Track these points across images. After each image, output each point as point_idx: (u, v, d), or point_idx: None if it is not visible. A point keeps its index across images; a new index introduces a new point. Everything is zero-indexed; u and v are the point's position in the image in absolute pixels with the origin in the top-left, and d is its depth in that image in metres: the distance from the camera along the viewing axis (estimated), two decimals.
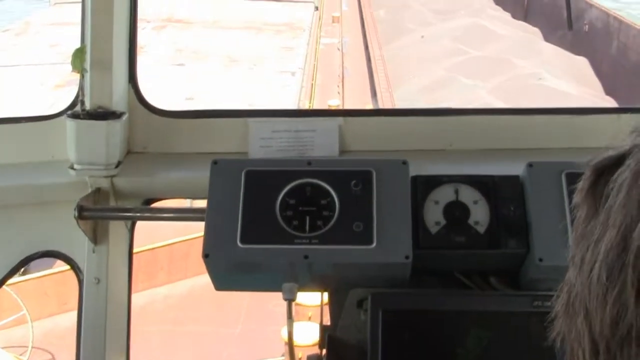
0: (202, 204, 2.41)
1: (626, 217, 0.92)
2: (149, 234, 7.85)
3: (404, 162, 2.26)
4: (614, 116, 2.63)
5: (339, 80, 14.49)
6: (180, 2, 16.80)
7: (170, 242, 9.08)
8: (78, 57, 2.46)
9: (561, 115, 2.75)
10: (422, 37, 22.25)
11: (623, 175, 0.98)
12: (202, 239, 2.13)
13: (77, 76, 2.57)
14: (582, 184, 1.05)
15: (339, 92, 13.57)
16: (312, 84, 12.70)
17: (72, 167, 2.51)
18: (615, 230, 0.93)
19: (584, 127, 2.54)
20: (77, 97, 2.53)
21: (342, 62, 15.87)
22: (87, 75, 2.48)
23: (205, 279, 2.28)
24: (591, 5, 22.82)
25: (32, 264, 2.70)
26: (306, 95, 11.79)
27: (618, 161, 1.01)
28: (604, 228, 0.96)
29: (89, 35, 2.49)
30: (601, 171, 1.03)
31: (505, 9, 28.33)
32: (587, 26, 21.98)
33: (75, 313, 2.63)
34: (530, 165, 2.25)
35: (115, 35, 2.52)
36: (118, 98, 2.55)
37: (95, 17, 2.49)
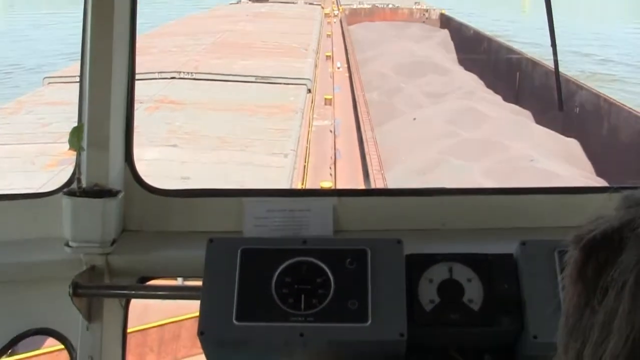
0: (195, 283, 2.41)
1: (634, 327, 0.90)
2: (140, 316, 7.79)
3: (399, 241, 2.27)
4: (605, 195, 2.65)
5: (332, 162, 14.55)
6: (174, 85, 16.96)
7: (161, 323, 9.00)
8: (75, 135, 2.48)
9: (553, 194, 2.78)
10: (414, 119, 22.45)
11: (624, 274, 0.94)
12: (193, 320, 2.13)
13: (68, 156, 2.59)
14: (570, 268, 1.03)
15: (331, 174, 13.60)
16: (304, 166, 12.73)
17: (67, 245, 2.51)
18: (622, 339, 0.91)
19: (575, 205, 2.55)
20: (73, 174, 2.54)
21: (335, 144, 15.95)
22: (84, 154, 2.50)
23: None
24: (581, 88, 23.13)
25: (20, 343, 2.66)
26: (299, 176, 11.81)
27: (607, 241, 0.99)
28: (606, 331, 0.94)
29: (87, 114, 2.52)
30: (589, 252, 1.01)
31: (496, 91, 28.68)
32: (577, 108, 22.25)
33: None
34: (523, 243, 2.26)
35: (113, 114, 2.55)
36: (114, 176, 2.57)
37: (93, 96, 2.51)
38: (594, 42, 48.83)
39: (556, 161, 18.66)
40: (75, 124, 2.56)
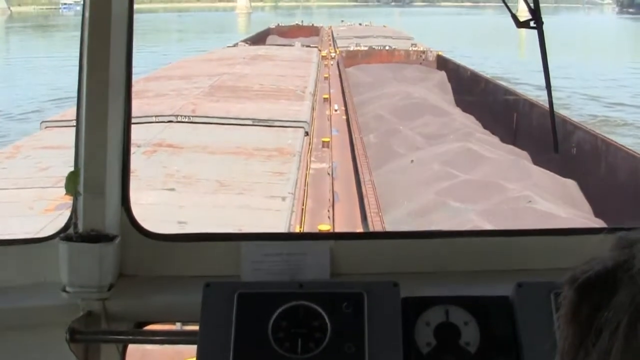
0: (193, 327, 2.41)
1: None
2: None
3: (395, 284, 2.27)
4: (600, 236, 2.66)
5: (329, 204, 14.54)
6: (171, 128, 17.00)
7: None
8: (71, 180, 2.50)
9: (548, 236, 2.79)
10: (412, 161, 22.51)
11: (618, 314, 0.95)
12: None
13: (66, 200, 2.60)
14: (565, 308, 1.03)
15: (329, 217, 13.59)
16: (302, 209, 12.72)
17: (64, 290, 2.51)
18: None
19: (572, 247, 2.56)
20: (70, 219, 2.56)
21: (332, 187, 15.95)
22: (81, 198, 2.52)
23: None
24: (578, 128, 23.22)
25: None
26: (296, 219, 11.79)
27: (601, 282, 1.00)
28: None
29: (83, 158, 2.54)
30: (584, 293, 1.01)
31: (493, 133, 28.77)
32: (575, 148, 22.31)
33: None
34: (519, 285, 2.26)
35: (109, 159, 2.57)
36: (111, 221, 2.58)
37: (88, 141, 2.53)
38: (602, 82, 48.94)
39: (554, 202, 18.68)
40: (69, 172, 2.57)
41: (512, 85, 37.76)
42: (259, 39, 63.92)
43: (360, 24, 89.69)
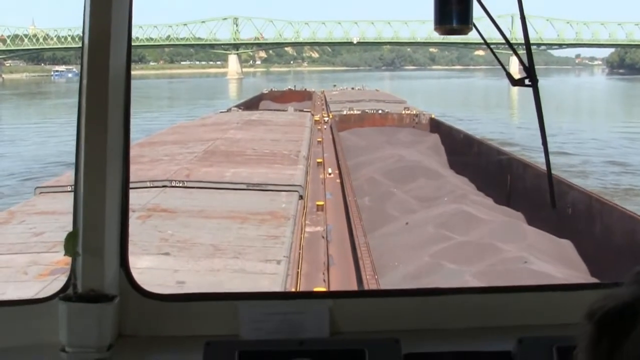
0: None
1: None
2: None
3: (397, 341, 2.26)
4: (599, 291, 2.66)
5: (324, 267, 14.50)
6: (166, 193, 17.03)
7: None
8: (70, 241, 2.49)
9: (547, 292, 2.78)
10: (407, 224, 22.52)
11: (638, 347, 0.95)
12: None
13: (61, 265, 2.59)
14: (584, 342, 1.03)
15: (324, 280, 13.55)
16: (297, 272, 12.68)
17: (63, 350, 2.49)
18: None
19: (570, 303, 2.56)
20: (69, 280, 2.55)
21: (327, 250, 15.91)
22: (79, 259, 2.51)
23: None
24: (572, 188, 23.28)
25: None
26: (292, 283, 11.74)
27: (620, 316, 0.99)
28: None
29: (81, 220, 2.54)
30: (603, 326, 1.01)
31: (487, 194, 28.85)
32: (570, 209, 22.35)
33: None
34: (520, 341, 2.25)
35: (107, 220, 2.57)
36: (110, 281, 2.57)
37: (87, 203, 2.54)
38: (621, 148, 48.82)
39: (550, 263, 18.64)
40: (67, 232, 2.57)
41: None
42: (252, 104, 64.46)
43: (352, 88, 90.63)
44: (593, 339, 0.95)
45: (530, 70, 2.71)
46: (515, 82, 2.78)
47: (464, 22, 2.60)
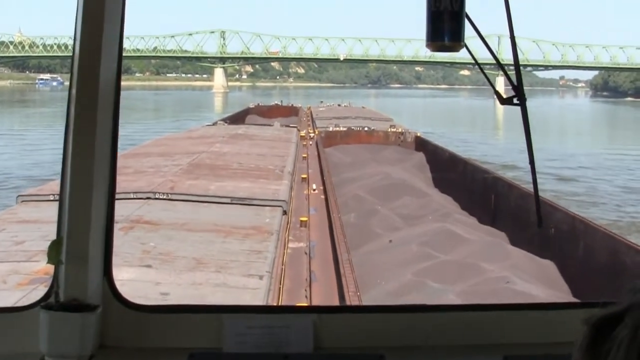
0: None
1: None
2: None
3: (381, 357, 2.24)
4: (583, 310, 2.67)
5: (307, 283, 14.47)
6: (150, 205, 16.97)
7: None
8: (54, 249, 2.47)
9: (534, 310, 2.78)
10: (390, 241, 22.51)
11: (622, 332, 1.01)
12: None
13: (40, 275, 2.57)
14: (581, 342, 1.08)
15: (306, 296, 13.52)
16: (279, 288, 12.66)
17: (43, 359, 2.46)
18: None
19: (554, 321, 2.56)
20: (51, 288, 2.51)
21: (310, 266, 15.89)
22: (62, 267, 2.49)
23: None
24: (557, 209, 23.36)
25: None
26: (274, 298, 11.72)
27: (616, 319, 1.04)
28: None
29: (66, 227, 2.51)
30: (599, 328, 1.06)
31: (471, 213, 28.89)
32: (553, 229, 22.42)
33: None
34: (505, 358, 2.24)
35: (92, 228, 2.54)
36: (93, 291, 2.54)
37: (72, 210, 2.51)
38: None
39: (532, 283, 18.67)
40: (50, 241, 2.55)
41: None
42: (238, 118, 64.50)
43: (339, 105, 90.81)
44: (589, 338, 1.00)
45: (518, 90, 2.71)
46: (503, 101, 2.78)
47: (456, 40, 2.60)
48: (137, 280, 10.98)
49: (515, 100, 2.74)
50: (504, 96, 2.79)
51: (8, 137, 62.09)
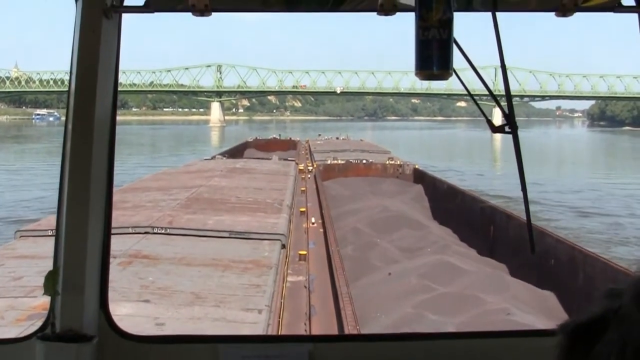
0: None
1: None
2: None
3: None
4: None
5: (306, 317, 14.44)
6: (148, 239, 16.97)
7: None
8: (50, 279, 2.48)
9: (531, 337, 2.78)
10: (390, 274, 22.47)
11: (606, 348, 0.99)
12: None
13: (38, 311, 2.57)
14: (558, 353, 1.07)
15: (305, 330, 13.48)
16: (279, 322, 12.63)
17: None
18: None
19: (552, 347, 2.56)
20: (47, 319, 2.52)
21: (309, 300, 15.86)
22: (59, 298, 2.49)
23: None
24: (556, 239, 23.35)
25: None
26: (273, 333, 11.69)
27: (591, 326, 1.03)
28: None
29: (62, 258, 2.52)
30: (575, 336, 1.05)
31: (470, 245, 28.86)
32: (553, 260, 22.41)
33: None
34: None
35: (89, 259, 2.55)
36: (89, 321, 2.55)
37: (68, 241, 2.53)
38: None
39: (533, 314, 18.62)
40: (48, 271, 2.56)
41: None
42: (236, 152, 64.64)
43: (337, 138, 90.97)
44: (566, 349, 0.98)
45: (510, 118, 2.73)
46: (495, 129, 2.80)
47: (444, 68, 2.63)
48: (135, 315, 10.95)
49: (506, 129, 2.76)
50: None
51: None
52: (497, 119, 3.26)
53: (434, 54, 2.60)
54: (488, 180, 59.44)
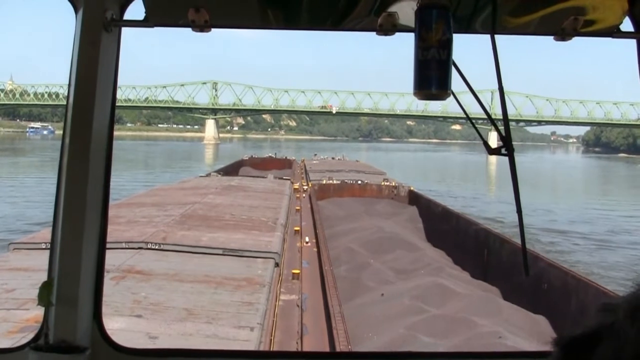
0: None
1: None
2: None
3: None
4: None
5: (298, 336, 14.41)
6: (141, 255, 16.94)
7: None
8: (45, 290, 2.48)
9: (522, 359, 2.79)
10: (382, 295, 22.45)
11: None
12: None
13: (30, 323, 2.57)
14: None
15: (297, 349, 13.46)
16: (270, 340, 12.61)
17: None
18: None
19: None
20: (40, 329, 2.52)
21: (302, 319, 15.83)
22: (52, 309, 2.49)
23: None
24: (549, 264, 23.37)
25: None
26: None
27: (585, 340, 1.04)
28: None
29: (57, 270, 2.52)
30: (569, 349, 1.06)
31: (464, 268, 28.87)
32: (546, 284, 22.41)
33: None
34: None
35: (82, 271, 2.56)
36: (82, 333, 2.55)
37: (64, 252, 2.53)
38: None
39: (524, 338, 18.60)
40: (42, 282, 2.56)
41: None
42: (232, 170, 64.62)
43: (332, 158, 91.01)
44: None
45: (506, 140, 2.74)
46: (492, 151, 2.82)
47: (443, 88, 2.64)
48: (127, 329, 10.92)
49: (503, 151, 2.77)
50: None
51: None
52: (493, 142, 3.27)
53: (433, 74, 2.61)
54: (482, 203, 59.44)
